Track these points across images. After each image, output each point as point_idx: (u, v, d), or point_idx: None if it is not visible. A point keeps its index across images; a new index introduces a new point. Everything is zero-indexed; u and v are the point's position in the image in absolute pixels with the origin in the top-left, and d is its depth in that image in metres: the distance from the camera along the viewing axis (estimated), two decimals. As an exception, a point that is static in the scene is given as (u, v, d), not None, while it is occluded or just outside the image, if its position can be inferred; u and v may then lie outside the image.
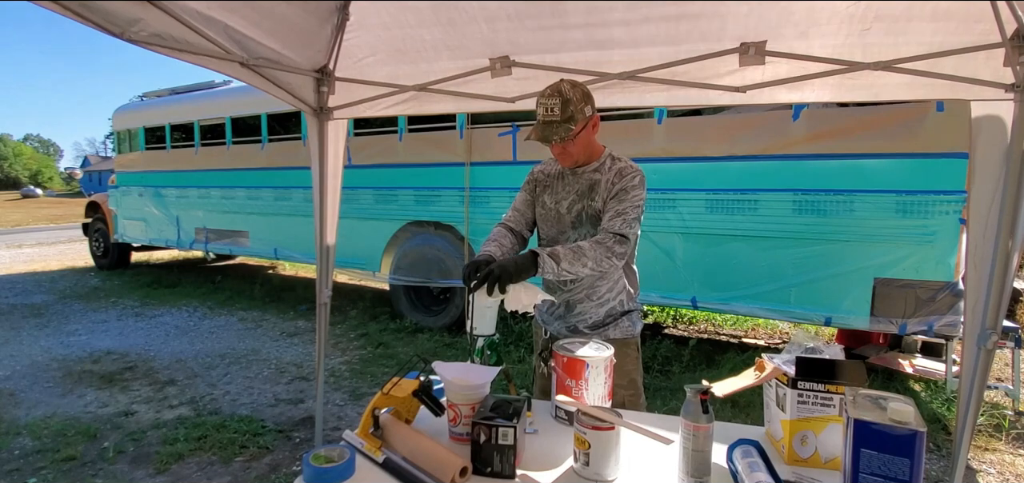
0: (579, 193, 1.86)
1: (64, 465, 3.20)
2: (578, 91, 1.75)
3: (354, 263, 6.09)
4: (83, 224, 10.30)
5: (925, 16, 1.62)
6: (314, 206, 2.43)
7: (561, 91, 1.73)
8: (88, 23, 1.54)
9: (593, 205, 1.83)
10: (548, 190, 1.95)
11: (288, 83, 2.23)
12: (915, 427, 1.08)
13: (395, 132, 5.73)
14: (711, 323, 6.23)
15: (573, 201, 1.87)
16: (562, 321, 1.94)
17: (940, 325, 3.56)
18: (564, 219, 1.89)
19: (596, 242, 1.73)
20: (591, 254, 1.71)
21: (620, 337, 1.89)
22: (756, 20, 1.80)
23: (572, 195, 1.88)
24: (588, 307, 1.89)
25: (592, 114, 1.78)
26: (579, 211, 1.86)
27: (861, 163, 3.74)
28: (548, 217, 1.94)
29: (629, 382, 1.90)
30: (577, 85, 1.77)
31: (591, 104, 1.78)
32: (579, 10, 1.92)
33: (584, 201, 1.85)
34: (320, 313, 2.51)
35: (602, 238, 1.75)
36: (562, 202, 1.90)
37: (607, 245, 1.73)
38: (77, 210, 18.55)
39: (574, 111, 1.72)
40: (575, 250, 1.70)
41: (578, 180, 1.87)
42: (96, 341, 5.62)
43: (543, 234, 1.98)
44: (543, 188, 1.97)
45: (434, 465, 1.27)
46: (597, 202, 1.82)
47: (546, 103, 1.74)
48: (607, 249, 1.73)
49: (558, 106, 1.72)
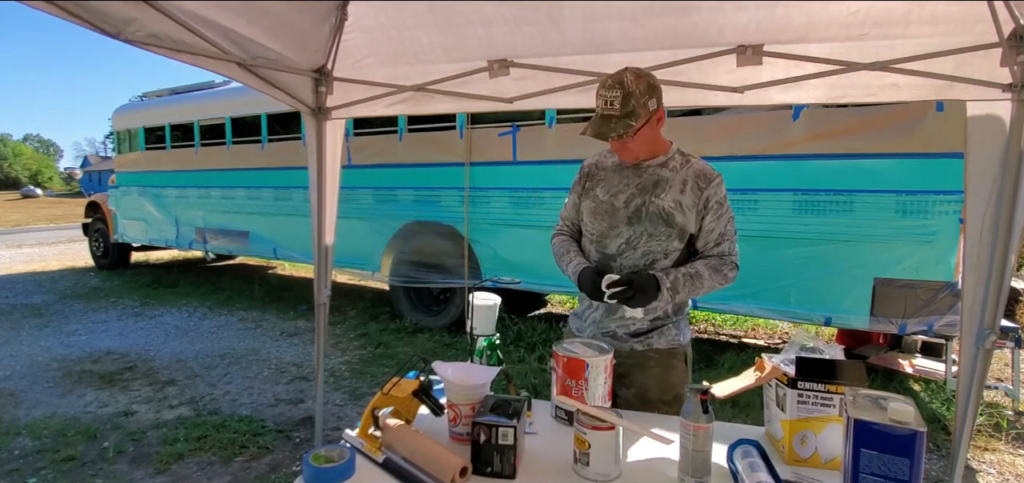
0: (640, 187, 1.70)
1: (64, 465, 3.20)
2: (643, 83, 1.58)
3: (354, 263, 6.09)
4: (83, 224, 10.29)
5: (923, 19, 1.62)
6: (311, 206, 2.43)
7: (623, 82, 1.56)
8: (84, 24, 1.54)
9: (657, 203, 1.67)
10: (602, 183, 1.78)
11: (286, 83, 2.22)
12: (915, 427, 1.08)
13: (395, 132, 5.73)
14: (711, 323, 6.23)
15: (632, 195, 1.71)
16: (598, 326, 1.78)
17: (940, 325, 3.56)
18: (619, 214, 1.72)
19: (714, 270, 1.67)
20: (708, 280, 1.66)
21: (665, 347, 1.74)
22: (755, 27, 1.80)
23: (631, 189, 1.71)
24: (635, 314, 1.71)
25: (657, 107, 1.62)
26: (639, 207, 1.69)
27: (861, 163, 3.74)
28: (599, 210, 1.75)
29: (674, 398, 1.72)
30: (642, 75, 1.59)
31: (657, 97, 1.62)
32: (576, 16, 1.92)
33: (646, 197, 1.68)
34: (319, 313, 2.51)
35: (720, 266, 1.68)
36: (619, 196, 1.73)
37: (724, 273, 1.68)
38: (77, 210, 18.54)
39: (636, 106, 1.56)
40: (693, 276, 1.65)
41: (640, 174, 1.71)
42: (96, 341, 5.62)
43: (590, 229, 1.80)
44: (595, 181, 1.80)
45: (434, 465, 1.27)
46: (664, 199, 1.67)
47: (606, 96, 1.57)
48: (723, 277, 1.68)
49: (619, 99, 1.55)
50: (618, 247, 1.73)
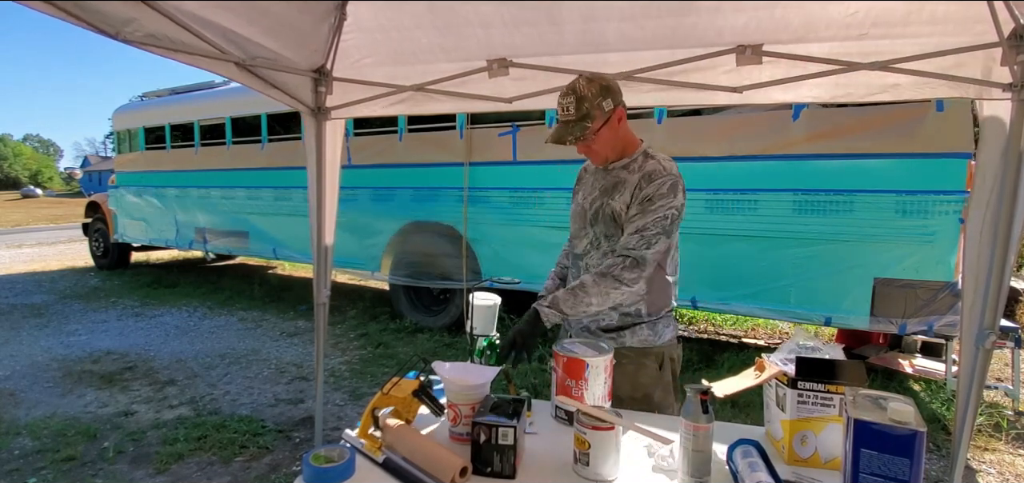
0: (603, 189, 1.76)
1: (64, 465, 3.20)
2: (594, 86, 1.66)
3: (354, 263, 6.09)
4: (83, 224, 10.29)
5: (923, 19, 1.62)
6: (310, 206, 2.43)
7: (575, 89, 1.66)
8: (82, 24, 1.53)
9: (611, 204, 1.72)
10: (583, 187, 1.88)
11: (285, 83, 2.22)
12: (915, 427, 1.08)
13: (395, 132, 5.73)
14: (711, 323, 6.23)
15: (596, 197, 1.78)
16: (578, 322, 1.84)
17: (940, 325, 3.56)
18: (586, 216, 1.80)
19: (600, 275, 1.65)
20: (594, 289, 1.63)
21: (638, 346, 1.76)
22: (754, 28, 1.80)
23: (596, 191, 1.79)
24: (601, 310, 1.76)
25: (614, 107, 1.68)
26: (598, 209, 1.75)
27: (861, 163, 3.74)
28: (575, 213, 1.87)
29: (644, 397, 1.75)
30: (594, 79, 1.68)
31: (613, 97, 1.68)
32: (574, 17, 1.92)
33: (605, 199, 1.74)
34: (318, 313, 2.51)
35: (609, 267, 1.64)
36: (588, 198, 1.81)
37: (614, 274, 1.63)
38: (77, 210, 18.54)
39: (590, 108, 1.64)
40: (575, 291, 1.65)
41: (606, 176, 1.78)
42: (96, 341, 5.62)
43: (571, 232, 1.92)
44: (580, 185, 1.91)
45: (434, 465, 1.27)
46: (617, 201, 1.71)
47: (562, 103, 1.68)
48: (614, 279, 1.63)
49: (573, 105, 1.65)
50: (584, 248, 1.81)
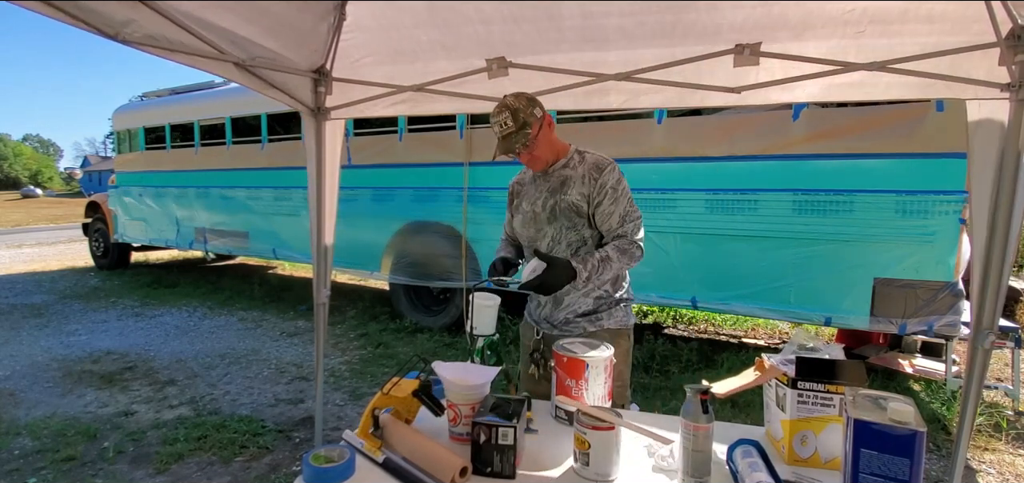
0: (551, 190, 1.92)
1: (64, 465, 3.20)
2: (522, 98, 1.83)
3: (354, 263, 6.09)
4: (83, 224, 10.29)
5: (920, 17, 1.62)
6: (310, 206, 2.43)
7: (507, 105, 1.81)
8: (81, 25, 1.53)
9: (566, 198, 1.87)
10: (525, 197, 2.01)
11: (284, 84, 2.22)
12: (915, 427, 1.08)
13: (395, 132, 5.73)
14: (711, 323, 6.23)
15: (546, 198, 1.92)
16: (550, 320, 1.95)
17: (940, 325, 3.56)
18: (540, 217, 1.94)
19: (621, 251, 1.81)
20: (617, 262, 1.81)
21: (615, 327, 1.90)
22: (752, 25, 1.80)
23: (544, 193, 1.93)
24: (575, 297, 1.90)
25: (543, 114, 1.86)
26: (552, 207, 1.90)
27: (861, 163, 3.74)
28: (525, 220, 1.99)
29: (617, 374, 1.82)
30: (520, 94, 1.85)
31: (539, 106, 1.86)
32: (574, 13, 1.92)
33: (557, 196, 1.89)
34: (318, 313, 2.51)
35: (627, 247, 1.82)
36: (536, 202, 1.95)
37: (631, 253, 1.83)
38: (77, 210, 18.55)
39: (525, 117, 1.80)
40: (604, 259, 1.79)
41: (549, 179, 1.94)
42: (96, 341, 5.62)
43: (522, 238, 2.03)
44: (520, 197, 2.04)
45: (434, 465, 1.27)
46: (571, 194, 1.87)
47: (498, 120, 1.82)
48: (631, 256, 1.83)
49: (510, 118, 1.80)
50: (547, 246, 1.93)
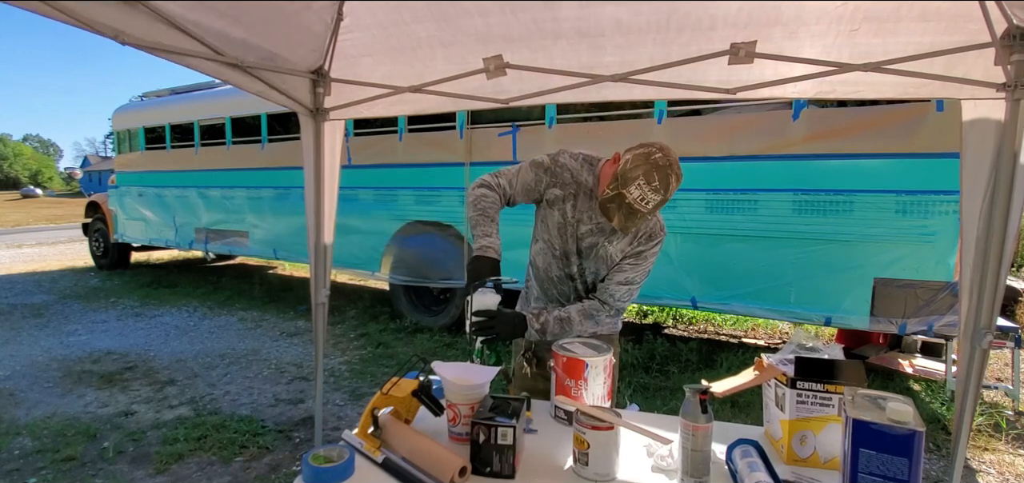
0: (600, 227, 1.77)
1: (64, 465, 3.20)
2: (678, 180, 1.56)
3: (354, 263, 6.09)
4: (83, 224, 10.29)
5: (914, 16, 1.62)
6: (308, 206, 2.43)
7: (669, 187, 1.53)
8: (81, 26, 1.54)
9: (609, 249, 1.77)
10: (570, 201, 1.80)
11: (283, 84, 2.22)
12: (914, 427, 1.08)
13: (395, 132, 5.73)
14: (711, 323, 6.23)
15: (592, 230, 1.78)
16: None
17: (940, 325, 3.56)
18: (581, 242, 1.80)
19: (586, 315, 1.76)
20: (578, 326, 1.75)
21: (607, 333, 1.88)
22: (746, 18, 1.80)
23: (593, 224, 1.78)
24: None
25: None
26: (593, 245, 1.78)
27: (861, 163, 3.74)
28: (565, 228, 1.81)
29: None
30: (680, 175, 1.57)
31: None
32: (572, 6, 1.92)
33: (602, 239, 1.77)
34: (317, 313, 2.51)
35: (593, 310, 1.76)
36: (581, 225, 1.79)
37: (596, 318, 1.77)
38: (77, 210, 18.54)
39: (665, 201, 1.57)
40: (564, 320, 1.74)
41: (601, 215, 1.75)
42: (96, 341, 5.62)
43: (542, 238, 1.88)
44: (563, 199, 1.81)
45: (433, 465, 1.27)
46: (614, 246, 1.76)
47: (646, 194, 1.51)
48: (595, 322, 1.77)
49: (655, 203, 1.54)
50: (566, 274, 1.86)
